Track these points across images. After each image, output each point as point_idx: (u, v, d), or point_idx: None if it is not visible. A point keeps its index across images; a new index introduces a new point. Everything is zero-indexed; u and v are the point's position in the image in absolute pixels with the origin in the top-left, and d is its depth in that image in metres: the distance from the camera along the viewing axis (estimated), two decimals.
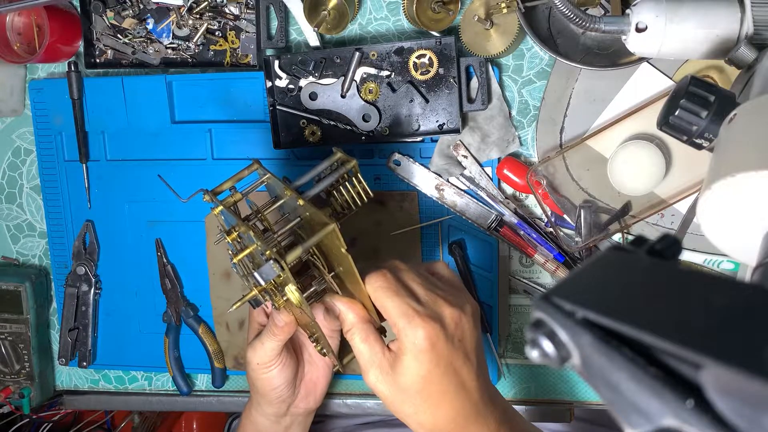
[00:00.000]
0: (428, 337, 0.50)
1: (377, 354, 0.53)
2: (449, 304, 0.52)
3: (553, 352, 0.26)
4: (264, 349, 0.61)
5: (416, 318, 0.50)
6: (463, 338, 0.52)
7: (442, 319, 0.51)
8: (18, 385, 0.83)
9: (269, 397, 0.65)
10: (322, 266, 0.56)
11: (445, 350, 0.50)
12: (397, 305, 0.51)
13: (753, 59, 0.49)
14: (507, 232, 0.71)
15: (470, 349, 0.52)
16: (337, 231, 0.51)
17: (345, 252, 0.51)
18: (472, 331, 0.53)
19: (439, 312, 0.52)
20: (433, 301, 0.52)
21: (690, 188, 0.65)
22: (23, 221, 0.85)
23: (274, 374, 0.63)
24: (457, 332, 0.52)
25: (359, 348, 0.53)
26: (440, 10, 0.68)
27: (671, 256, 0.28)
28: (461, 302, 0.54)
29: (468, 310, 0.54)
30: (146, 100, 0.76)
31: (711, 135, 0.46)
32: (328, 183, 0.59)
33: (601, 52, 0.67)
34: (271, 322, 0.60)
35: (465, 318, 0.53)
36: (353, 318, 0.54)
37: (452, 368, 0.51)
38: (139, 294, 0.81)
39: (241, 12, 0.74)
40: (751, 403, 0.20)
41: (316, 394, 0.69)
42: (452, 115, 0.69)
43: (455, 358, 0.51)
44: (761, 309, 0.22)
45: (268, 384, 0.63)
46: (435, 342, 0.50)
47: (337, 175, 0.59)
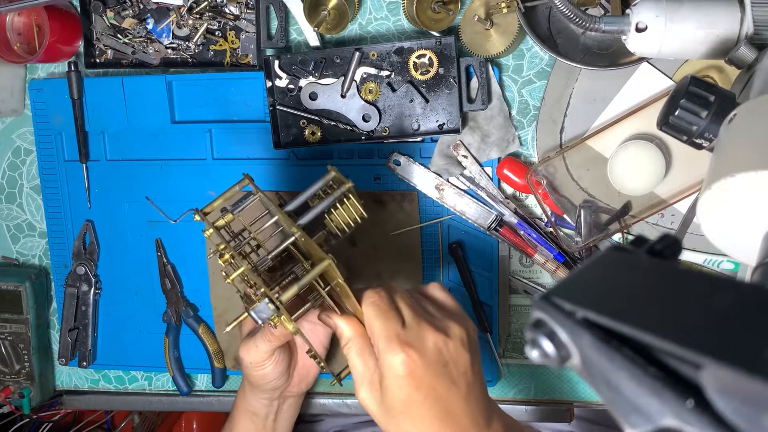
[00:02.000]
0: (405, 362, 0.49)
1: (369, 370, 0.52)
2: (434, 329, 0.51)
3: (553, 352, 0.26)
4: (258, 350, 0.61)
5: (394, 342, 0.50)
6: (447, 364, 0.51)
7: (423, 345, 0.50)
8: (18, 385, 0.83)
9: (262, 388, 0.66)
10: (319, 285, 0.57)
11: (426, 376, 0.49)
12: (380, 326, 0.51)
13: (753, 59, 0.49)
14: (507, 232, 0.71)
15: (458, 374, 0.51)
16: (333, 266, 0.51)
17: (342, 282, 0.52)
18: (459, 356, 0.51)
19: (422, 337, 0.51)
20: (417, 326, 0.51)
21: (690, 188, 0.65)
22: (23, 221, 0.85)
23: (268, 371, 0.63)
24: (440, 358, 0.50)
25: (354, 362, 0.53)
26: (440, 10, 0.68)
27: (671, 256, 0.28)
28: (447, 327, 0.53)
29: (456, 333, 0.52)
30: (146, 100, 0.76)
31: (711, 135, 0.46)
32: (323, 207, 0.59)
33: (601, 52, 0.67)
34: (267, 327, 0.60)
35: (451, 343, 0.51)
36: (350, 333, 0.54)
37: (435, 394, 0.50)
38: (139, 294, 0.81)
39: (241, 12, 0.74)
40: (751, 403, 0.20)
41: (309, 379, 0.70)
42: (452, 115, 0.69)
43: (438, 384, 0.50)
44: (761, 309, 0.22)
45: (261, 379, 0.64)
46: (413, 368, 0.49)
47: (332, 199, 0.59)
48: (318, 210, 0.58)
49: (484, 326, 0.73)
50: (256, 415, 0.69)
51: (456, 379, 0.51)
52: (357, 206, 0.60)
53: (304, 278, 0.52)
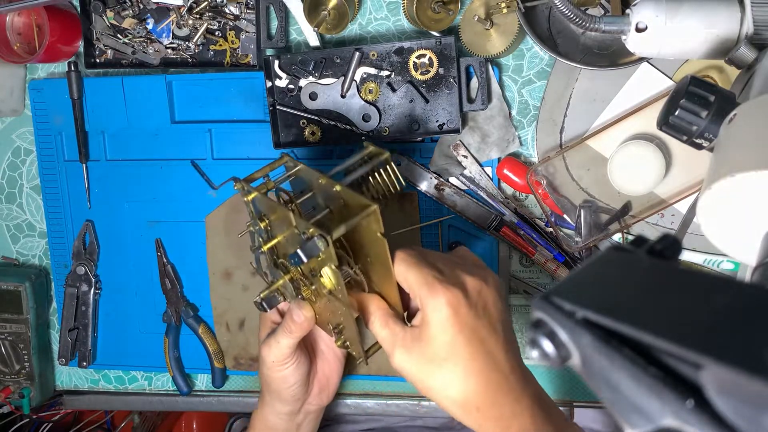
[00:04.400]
0: (449, 302, 0.49)
1: (398, 334, 0.53)
2: (469, 274, 0.52)
3: (553, 352, 0.26)
4: (279, 346, 0.60)
5: (437, 285, 0.50)
6: (486, 308, 0.51)
7: (464, 286, 0.51)
8: (18, 385, 0.83)
9: (283, 396, 0.64)
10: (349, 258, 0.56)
11: (468, 317, 0.50)
12: (418, 275, 0.51)
13: (753, 59, 0.49)
14: (507, 232, 0.71)
15: (496, 320, 0.52)
16: (378, 213, 0.51)
17: (381, 236, 0.51)
18: (495, 303, 0.52)
19: (461, 280, 0.51)
20: (453, 272, 0.52)
21: (690, 188, 0.65)
22: (23, 221, 0.85)
23: (289, 372, 0.62)
24: (479, 300, 0.51)
25: (381, 334, 0.54)
26: (440, 10, 0.68)
27: (671, 256, 0.28)
28: (482, 274, 0.53)
29: (490, 282, 0.53)
30: (146, 100, 0.76)
31: (711, 135, 0.46)
32: (363, 171, 0.59)
33: (601, 52, 0.67)
34: (288, 318, 0.60)
35: (487, 288, 0.52)
36: (373, 308, 0.55)
37: (477, 336, 0.50)
38: (139, 294, 0.81)
39: (241, 12, 0.74)
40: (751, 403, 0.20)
41: (329, 390, 0.69)
42: (452, 115, 0.69)
43: (480, 327, 0.50)
44: (761, 309, 0.22)
45: (283, 382, 0.63)
46: (457, 307, 0.49)
47: (371, 166, 0.59)
48: (358, 174, 0.58)
49: None
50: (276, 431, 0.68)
51: (495, 325, 0.52)
52: (396, 172, 0.60)
53: (352, 219, 0.51)
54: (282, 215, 0.54)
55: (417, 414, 0.79)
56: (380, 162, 0.59)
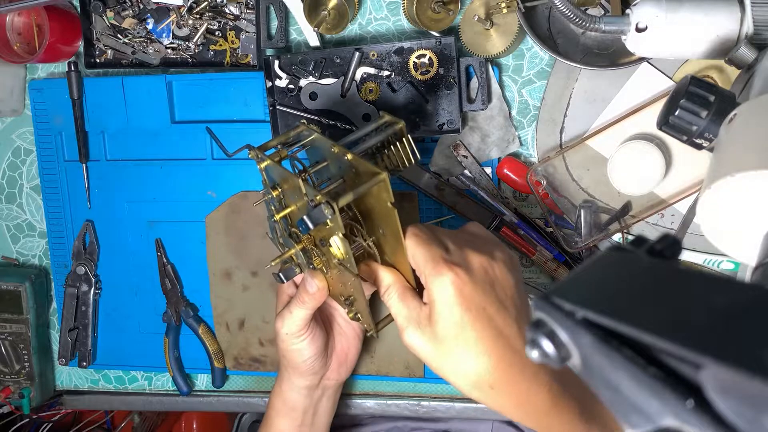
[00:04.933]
0: (453, 282, 0.49)
1: (414, 310, 0.52)
2: (476, 251, 0.52)
3: (553, 352, 0.26)
4: (292, 318, 0.60)
5: (442, 264, 0.50)
6: (494, 284, 0.51)
7: (469, 265, 0.51)
8: (18, 385, 0.83)
9: (301, 369, 0.64)
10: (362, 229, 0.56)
11: (475, 295, 0.49)
12: (424, 252, 0.51)
13: (753, 59, 0.49)
14: (507, 232, 0.71)
15: (505, 296, 0.51)
16: (387, 181, 0.50)
17: (390, 206, 0.51)
18: (505, 279, 0.52)
19: (467, 258, 0.51)
20: (460, 250, 0.52)
21: (690, 188, 0.65)
22: (23, 221, 0.85)
23: (305, 345, 0.62)
24: (486, 277, 0.51)
25: (396, 307, 0.53)
26: (440, 10, 0.68)
27: (671, 256, 0.28)
28: (490, 250, 0.53)
29: (498, 256, 0.52)
30: (146, 100, 0.76)
31: (711, 135, 0.46)
32: (377, 140, 0.58)
33: (601, 52, 0.67)
34: (301, 289, 0.59)
35: (495, 264, 0.52)
36: (390, 279, 0.54)
37: (485, 314, 0.50)
38: (139, 294, 0.81)
39: (241, 12, 0.74)
40: (751, 403, 0.20)
41: (348, 365, 0.69)
42: (452, 115, 0.69)
43: (488, 304, 0.50)
44: (761, 309, 0.22)
45: (299, 356, 0.63)
46: (461, 287, 0.49)
47: (384, 135, 0.58)
48: (370, 143, 0.58)
49: None
50: (294, 410, 0.67)
51: (504, 301, 0.51)
52: (411, 143, 0.59)
53: (360, 187, 0.50)
54: (293, 184, 0.54)
55: (417, 414, 0.79)
56: (394, 132, 0.59)
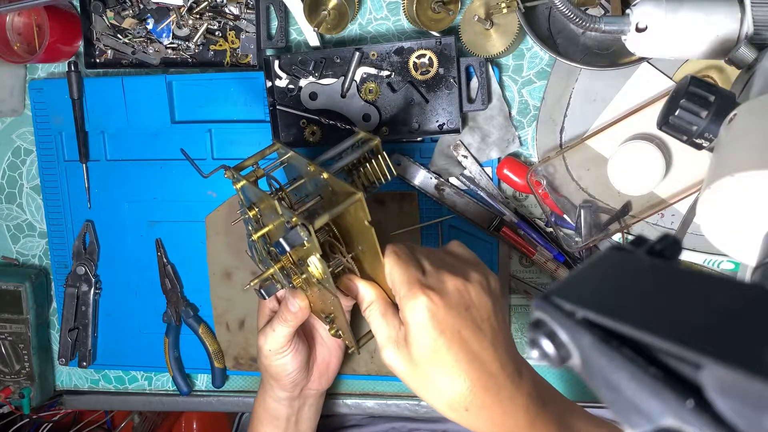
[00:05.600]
0: (427, 305, 0.49)
1: (394, 329, 0.52)
2: (453, 274, 0.51)
3: (553, 352, 0.26)
4: (275, 335, 0.61)
5: (415, 287, 0.50)
6: (470, 307, 0.51)
7: (444, 288, 0.50)
8: (18, 385, 0.83)
9: (283, 382, 0.65)
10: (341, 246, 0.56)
11: (449, 318, 0.49)
12: (401, 273, 0.51)
13: (753, 59, 0.49)
14: (507, 232, 0.71)
15: (480, 319, 0.51)
16: (363, 201, 0.50)
17: (368, 224, 0.51)
18: (481, 301, 0.51)
19: (442, 281, 0.51)
20: (437, 272, 0.52)
21: (690, 188, 0.65)
22: (23, 221, 0.85)
23: (287, 360, 0.63)
24: (461, 300, 0.50)
25: (377, 324, 0.53)
26: (440, 10, 0.68)
27: (671, 256, 0.28)
28: (466, 272, 0.53)
29: (475, 278, 0.52)
30: (146, 100, 0.76)
31: (711, 135, 0.46)
32: (352, 158, 0.59)
33: (601, 52, 0.67)
34: (283, 307, 0.60)
35: (471, 287, 0.51)
36: (372, 295, 0.54)
37: (460, 338, 0.49)
38: (139, 294, 0.81)
39: (241, 12, 0.74)
40: (751, 403, 0.20)
41: (329, 375, 0.69)
42: (452, 115, 0.69)
43: (462, 327, 0.49)
44: (761, 309, 0.22)
45: (282, 370, 0.63)
46: (435, 311, 0.49)
47: (360, 152, 0.59)
48: (346, 161, 0.58)
49: None
50: (277, 418, 0.68)
51: (480, 324, 0.51)
52: (386, 160, 0.59)
53: (335, 208, 0.51)
54: (269, 204, 0.54)
55: (417, 414, 0.79)
56: (370, 149, 0.59)
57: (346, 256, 0.56)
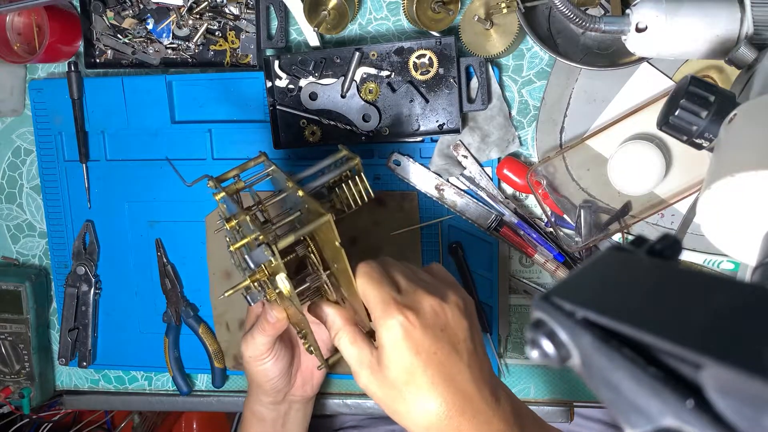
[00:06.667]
0: (403, 325, 0.48)
1: (366, 355, 0.51)
2: (429, 294, 0.50)
3: (553, 352, 0.26)
4: (255, 343, 0.61)
5: (391, 306, 0.49)
6: (445, 328, 0.50)
7: (420, 308, 0.49)
8: (18, 385, 0.83)
9: (264, 388, 0.65)
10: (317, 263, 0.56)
11: (424, 339, 0.48)
12: (375, 294, 0.50)
13: (753, 59, 0.49)
14: (507, 232, 0.71)
15: (457, 340, 0.50)
16: (332, 223, 0.50)
17: (338, 245, 0.51)
18: (457, 322, 0.50)
19: (418, 300, 0.50)
20: (413, 291, 0.51)
21: (690, 188, 0.65)
22: (23, 221, 0.85)
23: (268, 367, 0.63)
24: (437, 321, 0.49)
25: (348, 351, 0.53)
26: (440, 10, 0.68)
27: (671, 256, 0.28)
28: (443, 293, 0.52)
29: (451, 299, 0.51)
30: (146, 100, 0.76)
31: (711, 135, 0.46)
32: (329, 178, 0.59)
33: (601, 52, 0.67)
34: (263, 316, 0.60)
35: (447, 307, 0.50)
36: (340, 322, 0.54)
37: (436, 359, 0.48)
38: (139, 294, 0.81)
39: (241, 12, 0.74)
40: (751, 403, 0.20)
41: (313, 383, 0.69)
42: (452, 115, 0.69)
43: (438, 349, 0.49)
44: (761, 309, 0.22)
45: (263, 376, 0.64)
46: (410, 331, 0.48)
47: (339, 172, 0.59)
48: (324, 180, 0.58)
49: (485, 326, 0.73)
50: (263, 421, 0.68)
51: (456, 346, 0.50)
52: (364, 182, 0.59)
53: (302, 229, 0.51)
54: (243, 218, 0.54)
55: None
56: (351, 167, 0.59)
57: (322, 273, 0.56)
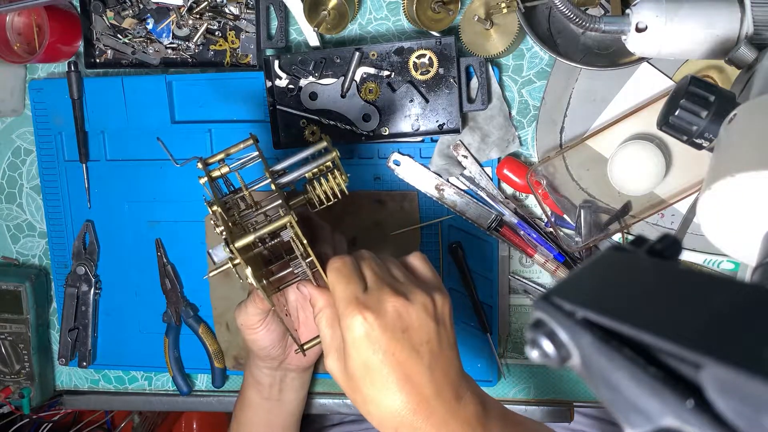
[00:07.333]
0: (361, 324, 0.49)
1: (337, 339, 0.52)
2: (394, 294, 0.50)
3: (553, 352, 0.26)
4: (247, 312, 0.63)
5: (352, 305, 0.49)
6: (407, 329, 0.50)
7: (381, 308, 0.49)
8: (18, 385, 0.83)
9: (259, 354, 0.67)
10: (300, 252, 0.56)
11: (383, 340, 0.49)
12: (341, 290, 0.51)
13: (753, 59, 0.49)
14: (507, 232, 0.71)
15: (419, 341, 0.50)
16: (293, 223, 0.51)
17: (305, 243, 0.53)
18: (423, 323, 0.50)
19: (382, 300, 0.50)
20: (378, 290, 0.51)
21: (690, 188, 0.65)
22: (23, 221, 0.85)
23: (260, 336, 0.65)
24: (399, 323, 0.49)
25: (324, 331, 0.54)
26: (440, 10, 0.68)
27: (671, 256, 0.28)
28: (410, 292, 0.51)
29: (418, 300, 0.51)
30: (146, 100, 0.76)
31: (711, 135, 0.46)
32: (305, 171, 0.59)
33: (601, 52, 0.67)
34: (254, 291, 0.62)
35: (412, 308, 0.50)
36: (322, 303, 0.55)
37: (393, 359, 0.49)
38: (139, 294, 0.81)
39: (241, 12, 0.74)
40: (751, 403, 0.20)
41: (309, 354, 0.69)
42: (452, 115, 0.69)
43: (397, 350, 0.49)
44: (761, 309, 0.22)
45: (254, 344, 0.66)
46: (369, 331, 0.49)
47: (315, 165, 0.59)
48: (301, 172, 0.59)
49: (485, 326, 0.73)
50: (261, 384, 0.70)
51: (417, 347, 0.50)
52: (338, 178, 0.59)
53: (262, 230, 0.52)
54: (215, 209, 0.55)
55: None
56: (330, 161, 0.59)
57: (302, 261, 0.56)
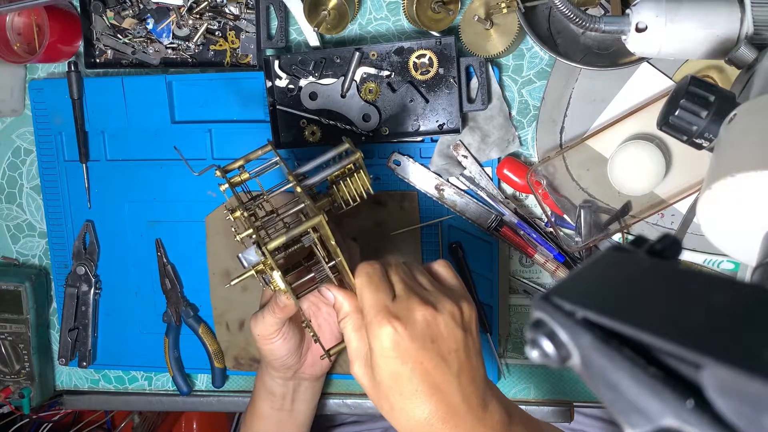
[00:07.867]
0: (390, 334, 0.49)
1: (364, 346, 0.52)
2: (423, 303, 0.50)
3: (553, 352, 0.26)
4: (264, 322, 0.62)
5: (381, 314, 0.49)
6: (436, 339, 0.50)
7: (411, 318, 0.49)
8: (18, 385, 0.83)
9: (273, 365, 0.66)
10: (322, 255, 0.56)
11: (411, 350, 0.49)
12: (369, 298, 0.51)
13: (753, 59, 0.49)
14: (507, 232, 0.71)
15: (448, 350, 0.50)
16: (324, 223, 0.51)
17: (334, 244, 0.52)
18: (451, 332, 0.50)
19: (411, 309, 0.50)
20: (407, 299, 0.51)
21: (690, 188, 0.65)
22: (23, 221, 0.85)
23: (276, 346, 0.64)
24: (428, 331, 0.49)
25: (349, 337, 0.53)
26: (440, 10, 0.68)
27: (671, 256, 0.28)
28: (438, 301, 0.52)
29: (446, 308, 0.51)
30: (146, 100, 0.76)
31: (711, 135, 0.46)
32: (329, 173, 0.59)
33: (601, 52, 0.67)
34: (273, 299, 0.61)
35: (441, 318, 0.50)
36: (348, 307, 0.54)
37: (422, 369, 0.49)
38: (139, 294, 0.81)
39: (241, 12, 0.74)
40: (751, 403, 0.20)
41: (323, 363, 0.70)
42: (452, 115, 0.69)
43: (425, 359, 0.49)
44: (761, 309, 0.22)
45: (270, 354, 0.65)
46: (398, 341, 0.49)
47: (339, 166, 0.59)
48: (325, 174, 0.59)
49: (485, 326, 0.73)
50: (273, 394, 0.70)
51: (446, 356, 0.50)
52: (363, 179, 0.60)
53: (295, 230, 0.51)
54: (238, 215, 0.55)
55: None
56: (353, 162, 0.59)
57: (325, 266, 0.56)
